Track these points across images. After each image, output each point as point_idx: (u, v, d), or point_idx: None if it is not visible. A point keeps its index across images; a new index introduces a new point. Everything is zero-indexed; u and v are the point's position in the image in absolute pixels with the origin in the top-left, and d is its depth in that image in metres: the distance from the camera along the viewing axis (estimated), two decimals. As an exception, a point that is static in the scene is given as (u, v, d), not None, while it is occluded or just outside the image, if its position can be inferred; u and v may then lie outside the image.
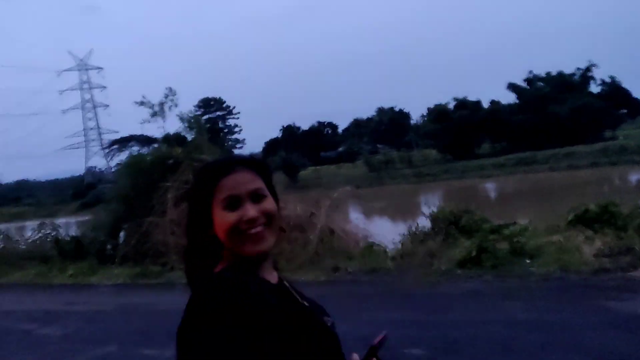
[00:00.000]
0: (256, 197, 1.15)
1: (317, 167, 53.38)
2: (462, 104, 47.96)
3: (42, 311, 8.29)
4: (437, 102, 50.59)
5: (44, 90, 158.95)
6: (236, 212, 1.12)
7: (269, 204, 1.16)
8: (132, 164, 13.12)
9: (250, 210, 1.13)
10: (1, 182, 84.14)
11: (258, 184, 1.17)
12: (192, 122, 13.51)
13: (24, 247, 13.55)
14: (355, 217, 14.03)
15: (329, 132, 72.11)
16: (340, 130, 73.23)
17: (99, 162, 73.60)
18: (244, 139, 66.19)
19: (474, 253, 7.41)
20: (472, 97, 48.71)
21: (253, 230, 1.12)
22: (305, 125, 69.32)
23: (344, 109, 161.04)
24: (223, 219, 1.12)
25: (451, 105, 48.83)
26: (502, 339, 4.83)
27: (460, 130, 44.90)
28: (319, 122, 71.07)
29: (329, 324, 1.20)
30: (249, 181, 1.15)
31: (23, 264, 12.19)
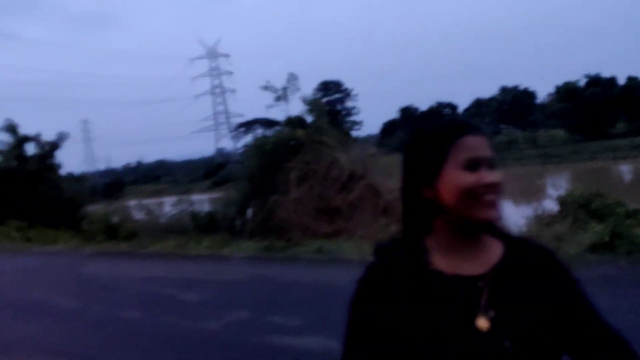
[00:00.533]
0: (491, 165, 1.07)
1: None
2: (595, 81, 44.22)
3: (182, 278, 9.01)
4: (566, 80, 47.15)
5: (179, 77, 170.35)
6: (475, 175, 1.05)
7: (500, 174, 1.07)
8: (257, 145, 13.80)
9: (490, 176, 1.05)
10: (143, 162, 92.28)
11: (492, 152, 1.08)
12: (312, 105, 13.92)
13: (164, 220, 14.90)
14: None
15: (449, 112, 69.96)
16: (460, 110, 70.81)
17: (227, 143, 78.04)
18: (362, 121, 66.30)
19: (606, 238, 6.97)
20: (606, 74, 44.85)
21: (488, 197, 1.05)
22: (423, 106, 67.92)
23: (465, 89, 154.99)
24: (459, 179, 1.05)
25: (582, 83, 45.24)
26: (635, 328, 4.57)
27: (592, 109, 41.50)
28: (438, 103, 69.25)
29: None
30: (487, 146, 1.08)
31: (164, 236, 13.31)
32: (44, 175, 20.67)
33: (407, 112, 66.35)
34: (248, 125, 17.63)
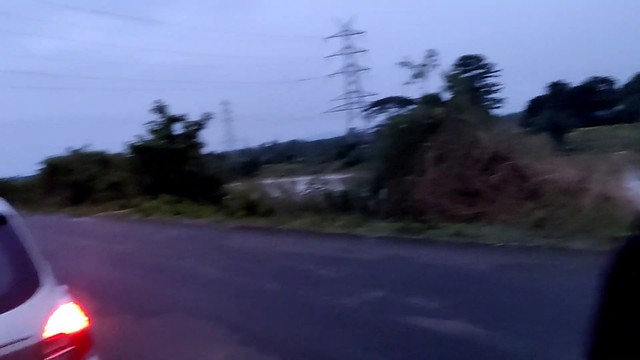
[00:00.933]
0: None
1: (589, 128, 48.13)
2: None
3: (318, 255, 9.23)
4: None
5: (313, 57, 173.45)
6: None
7: None
8: (392, 124, 13.62)
9: None
10: (278, 141, 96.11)
11: None
12: (452, 81, 13.38)
13: (299, 199, 15.32)
14: (638, 184, 12.38)
15: (605, 88, 63.92)
16: (619, 86, 64.36)
17: (359, 123, 78.33)
18: (503, 98, 62.68)
19: None
20: None
21: None
22: (575, 82, 62.66)
23: (625, 62, 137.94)
24: None
25: None
26: None
27: None
28: (593, 77, 63.54)
29: None
30: None
31: (299, 213, 13.76)
32: (189, 153, 22.22)
33: (557, 88, 61.59)
34: (381, 104, 17.54)
